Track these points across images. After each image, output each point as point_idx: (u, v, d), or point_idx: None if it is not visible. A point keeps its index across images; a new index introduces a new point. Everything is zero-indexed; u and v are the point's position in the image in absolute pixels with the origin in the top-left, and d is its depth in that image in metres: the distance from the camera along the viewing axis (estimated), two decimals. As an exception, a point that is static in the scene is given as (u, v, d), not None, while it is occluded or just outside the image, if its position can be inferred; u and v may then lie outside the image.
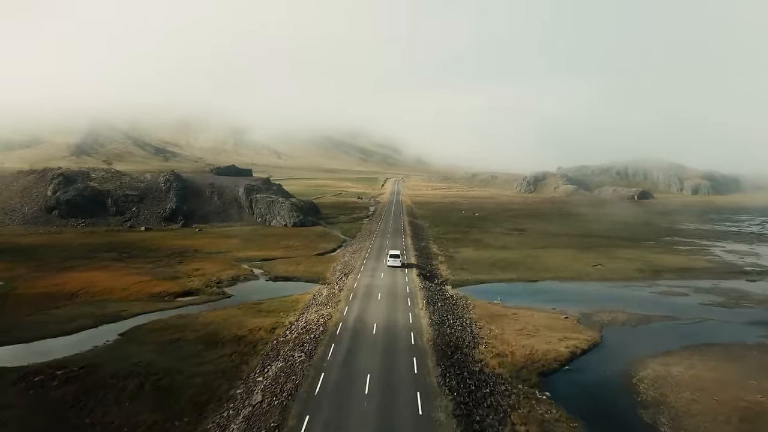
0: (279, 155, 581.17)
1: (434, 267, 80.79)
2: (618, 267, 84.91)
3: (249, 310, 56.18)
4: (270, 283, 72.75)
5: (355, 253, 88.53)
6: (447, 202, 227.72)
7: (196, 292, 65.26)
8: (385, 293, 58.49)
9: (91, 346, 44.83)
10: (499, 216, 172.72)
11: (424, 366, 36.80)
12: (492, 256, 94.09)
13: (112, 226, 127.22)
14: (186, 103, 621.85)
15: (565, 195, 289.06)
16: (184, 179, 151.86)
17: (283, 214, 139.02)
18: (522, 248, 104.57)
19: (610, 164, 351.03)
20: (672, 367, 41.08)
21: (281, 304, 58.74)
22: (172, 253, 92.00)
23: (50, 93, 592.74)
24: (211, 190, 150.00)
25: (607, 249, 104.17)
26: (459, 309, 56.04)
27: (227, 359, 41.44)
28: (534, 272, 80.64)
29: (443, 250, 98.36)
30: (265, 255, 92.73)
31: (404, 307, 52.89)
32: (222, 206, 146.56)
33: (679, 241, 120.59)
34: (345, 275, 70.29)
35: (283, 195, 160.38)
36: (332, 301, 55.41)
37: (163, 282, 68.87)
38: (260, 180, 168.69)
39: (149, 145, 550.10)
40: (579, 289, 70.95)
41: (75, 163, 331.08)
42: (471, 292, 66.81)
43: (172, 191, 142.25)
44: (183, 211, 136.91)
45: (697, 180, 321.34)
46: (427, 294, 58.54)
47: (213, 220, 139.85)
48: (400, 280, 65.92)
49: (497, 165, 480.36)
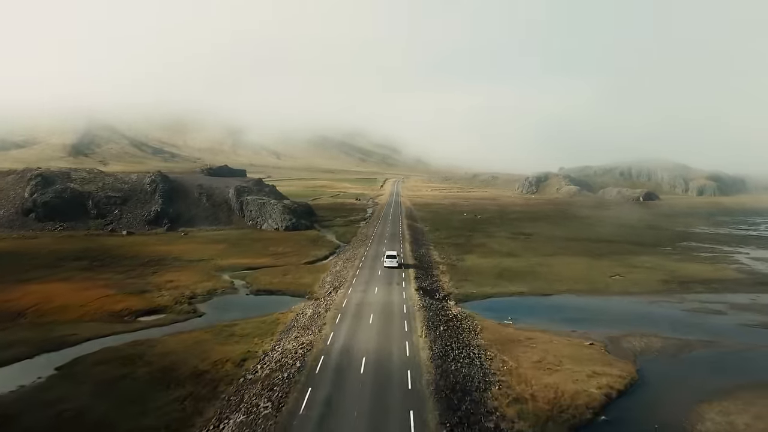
0: (278, 155, 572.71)
1: (435, 278, 72.15)
2: (639, 278, 76.18)
3: (219, 333, 47.60)
4: (250, 298, 64.17)
5: (348, 262, 79.92)
6: (447, 204, 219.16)
7: (163, 309, 56.67)
8: (378, 313, 49.89)
9: (16, 386, 36.23)
10: (503, 219, 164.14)
11: (424, 425, 28.10)
12: (498, 265, 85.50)
13: (92, 229, 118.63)
14: (184, 104, 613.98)
15: (568, 196, 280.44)
16: (172, 180, 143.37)
17: (274, 217, 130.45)
18: (530, 255, 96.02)
19: (614, 164, 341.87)
20: (735, 417, 32.50)
21: (258, 325, 50.17)
22: (149, 261, 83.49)
23: (47, 93, 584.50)
24: (199, 192, 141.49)
25: (621, 256, 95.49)
26: (465, 333, 47.40)
27: (177, 406, 32.83)
28: (546, 284, 71.99)
29: (445, 258, 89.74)
30: (250, 263, 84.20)
31: (400, 332, 44.26)
32: (211, 209, 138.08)
33: (698, 246, 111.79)
34: (335, 289, 61.71)
35: (275, 197, 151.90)
36: (316, 324, 46.82)
37: (129, 297, 60.28)
38: (252, 181, 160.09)
39: (147, 146, 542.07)
40: (599, 305, 62.22)
41: (71, 164, 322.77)
42: (477, 308, 58.23)
43: (157, 193, 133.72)
44: (169, 213, 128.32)
45: (703, 181, 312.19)
46: (427, 315, 49.83)
47: (201, 223, 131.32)
48: (396, 295, 57.32)
49: (498, 165, 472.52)
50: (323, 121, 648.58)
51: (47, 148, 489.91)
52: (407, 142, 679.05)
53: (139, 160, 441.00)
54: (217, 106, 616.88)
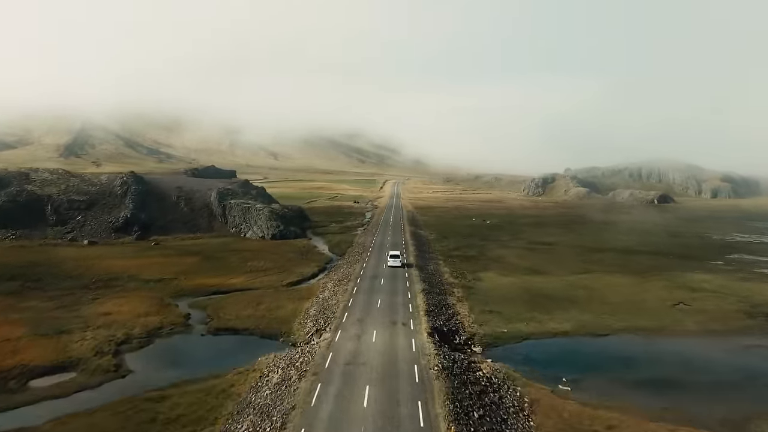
0: (276, 156, 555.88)
1: (451, 309, 55.11)
2: (709, 307, 58.94)
3: (133, 417, 30.70)
4: (206, 341, 47.12)
5: (339, 284, 62.90)
6: (451, 207, 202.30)
7: (74, 365, 39.69)
8: (376, 384, 32.82)
9: None
10: (514, 224, 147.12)
11: None
12: (524, 285, 68.52)
13: (49, 238, 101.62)
14: (181, 103, 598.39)
15: (577, 198, 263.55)
16: (147, 182, 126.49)
17: (260, 224, 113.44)
18: (558, 271, 79.07)
19: (622, 165, 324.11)
20: None
21: (200, 399, 33.21)
22: (96, 281, 66.56)
23: (42, 93, 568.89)
24: (177, 195, 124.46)
25: (669, 273, 78.36)
26: (510, 418, 30.49)
27: None
28: (595, 316, 54.87)
29: (459, 277, 72.62)
30: (220, 284, 67.19)
31: (414, 428, 27.34)
32: (189, 214, 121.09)
33: (754, 260, 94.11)
34: (318, 331, 44.77)
35: (264, 200, 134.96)
36: (281, 405, 29.92)
37: (36, 343, 43.27)
38: (238, 182, 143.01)
39: (142, 146, 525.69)
40: (680, 353, 44.74)
41: (62, 164, 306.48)
42: (515, 361, 41.26)
43: (128, 196, 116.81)
44: (140, 219, 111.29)
45: (717, 182, 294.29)
46: (450, 387, 32.60)
47: (177, 230, 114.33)
48: (402, 345, 40.22)
49: (499, 166, 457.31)
50: (322, 121, 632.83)
51: (39, 149, 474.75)
52: (406, 143, 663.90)
53: (134, 161, 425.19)
54: (215, 106, 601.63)
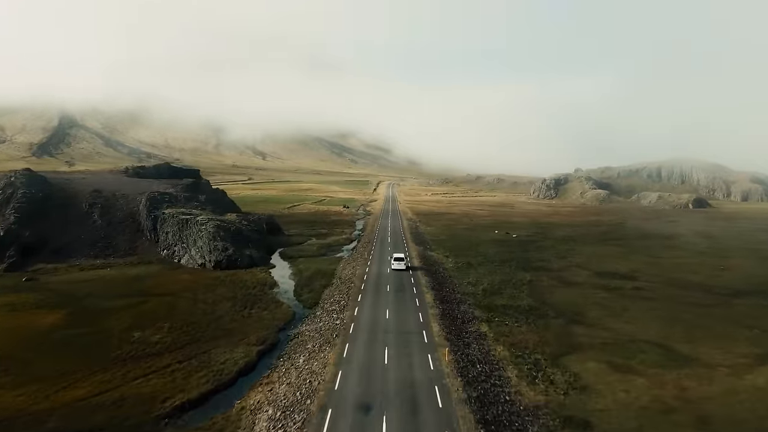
0: (264, 156, 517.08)
1: None
2: None
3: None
4: None
5: (295, 406, 25.59)
6: (459, 213, 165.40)
7: None
8: None
9: None
10: (551, 239, 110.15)
11: None
12: (680, 404, 31.52)
13: None
14: (165, 102, 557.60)
15: (596, 201, 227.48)
16: (50, 183, 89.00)
17: (200, 245, 75.70)
18: (709, 350, 42.01)
19: (640, 165, 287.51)
20: None
21: None
22: None
23: (18, 88, 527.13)
24: (91, 202, 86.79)
25: None
26: None
27: None
28: None
29: (534, 379, 34.98)
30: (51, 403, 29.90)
31: None
32: (104, 229, 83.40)
33: None
34: None
35: (216, 208, 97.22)
36: None
37: None
38: (183, 185, 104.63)
39: (123, 146, 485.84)
40: None
41: (32, 164, 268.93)
42: None
43: (12, 203, 79.47)
44: (23, 238, 73.88)
45: (747, 184, 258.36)
46: None
47: (80, 253, 76.62)
48: None
49: (500, 167, 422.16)
50: (312, 121, 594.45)
51: (11, 148, 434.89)
52: (400, 143, 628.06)
53: (112, 161, 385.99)
54: (201, 105, 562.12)
